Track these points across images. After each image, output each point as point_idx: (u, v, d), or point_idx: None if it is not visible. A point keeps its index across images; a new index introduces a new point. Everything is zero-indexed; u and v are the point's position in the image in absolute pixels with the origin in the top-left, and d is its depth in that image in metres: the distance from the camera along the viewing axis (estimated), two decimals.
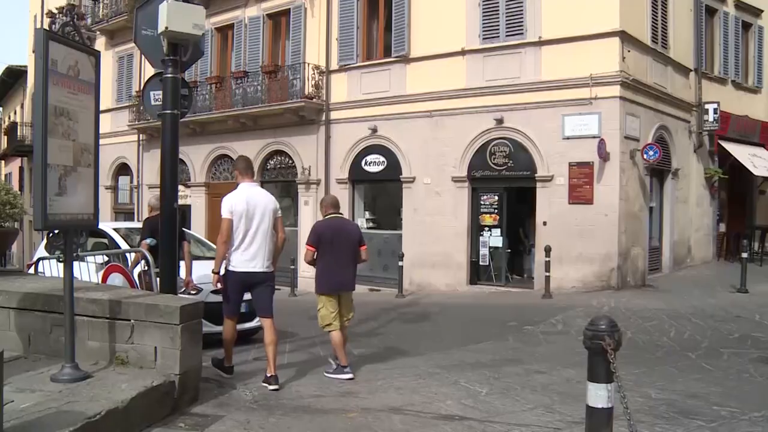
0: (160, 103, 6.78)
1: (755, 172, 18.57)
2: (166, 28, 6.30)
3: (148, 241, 8.11)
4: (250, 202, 6.80)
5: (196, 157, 20.91)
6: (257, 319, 9.48)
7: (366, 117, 17.15)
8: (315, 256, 7.33)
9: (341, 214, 7.75)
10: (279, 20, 19.45)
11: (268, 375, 6.59)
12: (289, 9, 18.88)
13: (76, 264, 6.07)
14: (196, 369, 5.81)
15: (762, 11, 20.21)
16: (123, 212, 24.62)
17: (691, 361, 8.13)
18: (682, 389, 6.69)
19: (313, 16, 18.33)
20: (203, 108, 20.08)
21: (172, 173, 6.76)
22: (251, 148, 19.47)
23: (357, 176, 17.64)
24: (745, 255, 14.13)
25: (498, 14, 15.12)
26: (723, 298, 13.04)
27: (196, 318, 5.75)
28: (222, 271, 6.73)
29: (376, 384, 6.95)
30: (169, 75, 6.56)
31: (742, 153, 18.47)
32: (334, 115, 17.98)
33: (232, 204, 6.78)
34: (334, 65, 17.97)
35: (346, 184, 17.72)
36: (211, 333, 8.27)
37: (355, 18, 17.52)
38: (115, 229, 10.89)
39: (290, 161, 19.01)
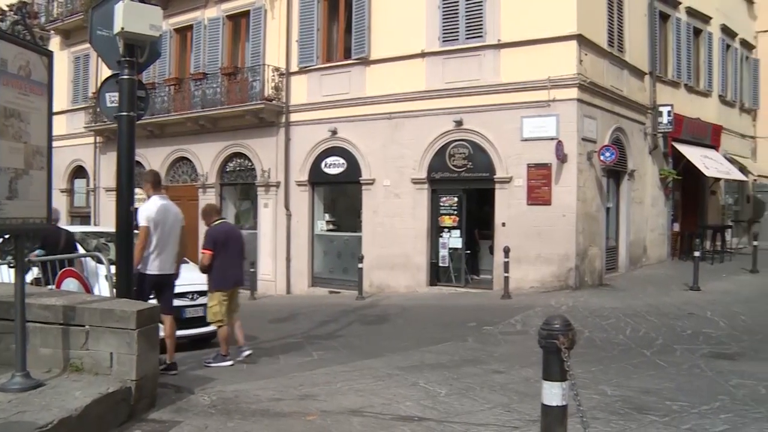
0: (117, 104, 6.68)
1: (706, 173, 18.98)
2: (122, 28, 6.22)
3: (36, 252, 8.23)
4: (163, 213, 7.39)
5: (155, 159, 20.62)
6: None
7: (326, 119, 17.10)
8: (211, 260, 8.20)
9: (225, 218, 8.84)
10: (239, 21, 19.30)
11: (168, 362, 7.35)
12: (249, 10, 18.74)
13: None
14: (153, 374, 5.74)
15: (711, 18, 20.70)
16: (79, 216, 24.17)
17: (645, 358, 8.30)
18: (636, 385, 6.83)
19: (273, 17, 18.23)
20: (162, 110, 19.84)
21: (129, 176, 6.67)
22: (210, 151, 19.34)
23: (317, 178, 17.58)
24: (697, 254, 14.47)
25: (458, 17, 15.21)
26: (677, 296, 13.32)
27: (152, 322, 5.68)
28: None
29: (336, 386, 6.93)
30: (126, 76, 6.47)
31: (694, 154, 18.85)
32: (294, 117, 17.89)
33: (148, 214, 7.39)
34: (294, 67, 17.88)
35: (306, 187, 17.66)
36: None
37: (316, 20, 17.47)
38: None
39: (250, 163, 18.87)
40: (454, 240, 15.41)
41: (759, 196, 24.37)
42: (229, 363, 8.21)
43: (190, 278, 9.07)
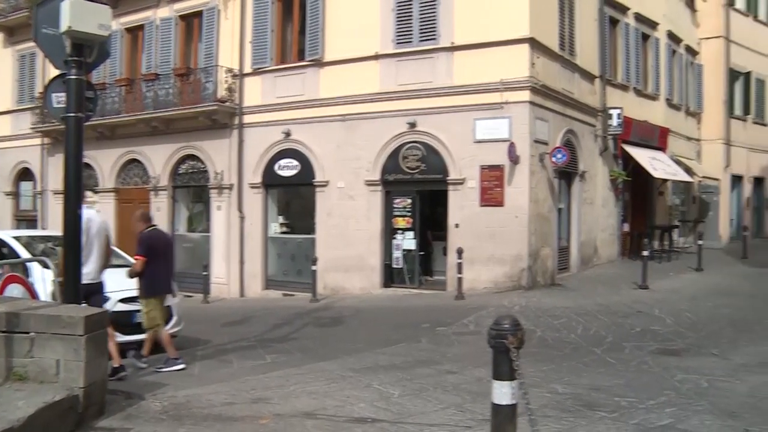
0: (64, 105, 6.54)
1: (655, 174, 19.39)
2: (69, 27, 6.08)
3: None
4: (86, 223, 7.24)
5: (105, 161, 20.27)
6: (169, 326, 9.36)
7: (280, 121, 17.00)
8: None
9: (156, 225, 8.86)
10: (191, 22, 19.06)
11: (115, 366, 7.40)
12: (202, 11, 18.51)
13: None
14: (102, 381, 5.64)
15: (658, 24, 21.15)
16: (25, 219, 23.56)
17: (596, 356, 8.47)
18: (587, 383, 6.97)
19: (226, 18, 18.05)
20: (112, 111, 19.47)
21: (76, 178, 6.53)
22: (163, 153, 19.07)
23: (270, 180, 17.46)
24: (646, 253, 14.82)
25: (411, 19, 15.26)
26: (626, 294, 13.61)
27: (101, 328, 5.58)
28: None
29: (289, 389, 6.92)
30: (73, 76, 6.33)
31: (642, 156, 19.25)
32: (247, 119, 17.75)
33: None
34: (247, 68, 17.73)
35: (260, 189, 17.53)
36: (121, 343, 8.10)
37: (270, 21, 17.35)
38: (15, 237, 10.44)
39: (203, 166, 18.64)
40: (407, 241, 15.46)
41: (704, 196, 24.99)
42: (182, 366, 8.16)
43: None
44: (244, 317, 13.60)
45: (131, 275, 8.34)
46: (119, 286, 8.67)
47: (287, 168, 17.09)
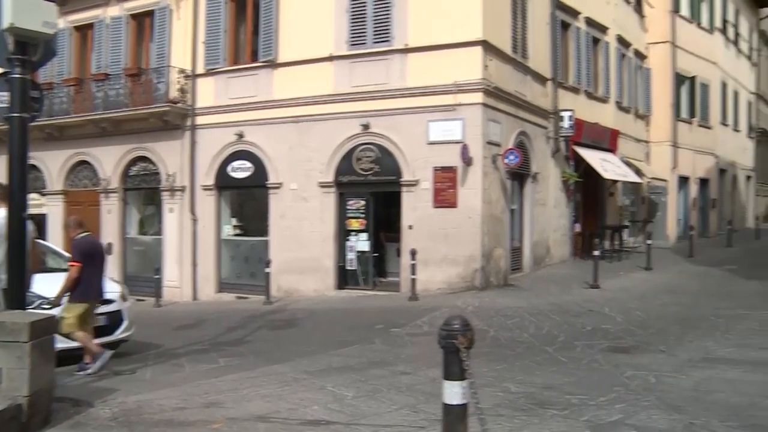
0: (7, 105, 6.37)
1: (605, 175, 19.75)
2: (11, 24, 5.90)
3: None
4: (5, 226, 6.97)
5: (53, 163, 19.83)
6: (118, 332, 9.21)
7: (233, 122, 16.86)
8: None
9: (89, 231, 8.77)
10: (143, 21, 18.77)
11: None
12: (154, 10, 18.24)
13: None
14: (49, 389, 5.50)
15: (608, 28, 21.55)
16: None
17: (548, 354, 8.58)
18: (539, 382, 7.06)
19: (179, 18, 17.83)
20: (60, 111, 19.05)
21: (21, 181, 6.38)
22: (113, 154, 18.74)
23: (223, 182, 17.30)
24: (597, 253, 15.09)
25: (365, 21, 15.28)
26: (578, 294, 13.84)
27: (48, 334, 5.45)
28: None
29: (242, 393, 6.87)
30: (17, 75, 6.17)
31: (593, 158, 19.58)
32: (200, 120, 17.55)
33: None
34: (200, 69, 17.54)
35: (212, 191, 17.36)
36: (69, 349, 7.95)
37: (223, 21, 17.19)
38: None
39: (154, 168, 18.36)
40: (361, 243, 15.47)
41: (652, 197, 25.52)
42: (89, 371, 8.00)
43: None
44: (197, 321, 13.45)
45: (69, 282, 8.08)
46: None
47: (240, 170, 16.96)
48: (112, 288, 9.70)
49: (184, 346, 10.32)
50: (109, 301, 9.23)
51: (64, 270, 8.51)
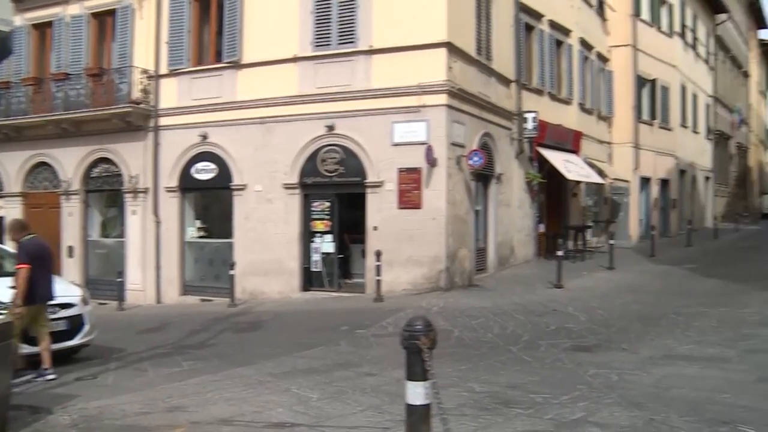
0: None
1: (568, 176, 19.97)
2: None
3: None
4: None
5: (11, 164, 19.45)
6: (79, 336, 9.09)
7: (196, 123, 16.70)
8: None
9: (34, 233, 8.66)
10: (104, 20, 18.48)
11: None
12: (116, 9, 17.97)
13: None
14: (4, 396, 5.40)
15: (571, 31, 21.82)
16: None
17: (512, 354, 8.67)
18: (504, 381, 7.14)
19: (141, 17, 17.60)
20: (18, 111, 18.70)
21: None
22: (74, 155, 18.45)
23: (187, 184, 17.13)
24: (560, 253, 15.25)
25: (330, 22, 15.26)
26: (542, 294, 13.99)
27: (4, 340, 5.35)
28: None
29: (206, 396, 6.83)
30: None
31: (557, 159, 19.78)
32: (163, 121, 17.35)
33: None
34: (163, 69, 17.34)
35: (176, 193, 17.17)
36: (32, 354, 7.86)
37: (186, 21, 17.03)
38: None
39: (117, 169, 18.09)
40: (326, 245, 15.44)
41: (615, 198, 25.87)
42: (28, 377, 7.92)
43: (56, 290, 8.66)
44: (160, 324, 13.32)
45: (23, 286, 7.87)
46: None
47: (204, 171, 16.82)
48: (72, 291, 9.60)
49: (147, 350, 10.22)
50: (70, 305, 9.12)
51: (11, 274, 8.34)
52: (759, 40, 54.83)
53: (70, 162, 18.58)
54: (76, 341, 9.20)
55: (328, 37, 15.31)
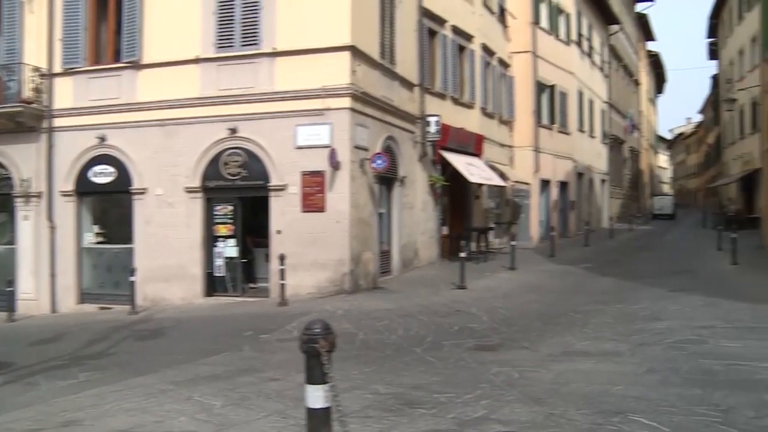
0: None
1: (471, 179, 20.41)
2: None
3: None
4: None
5: None
6: None
7: (94, 125, 16.10)
8: None
9: None
10: None
11: None
12: (2, 1, 17.10)
13: None
14: None
15: (473, 37, 22.33)
16: None
17: (416, 355, 8.77)
18: (408, 382, 7.22)
19: (32, 12, 16.79)
20: None
21: None
22: None
23: (84, 188, 16.51)
24: (463, 255, 15.55)
25: (233, 23, 15.05)
26: (445, 295, 14.22)
27: None
28: None
29: (104, 408, 6.62)
30: None
31: (459, 162, 20.18)
32: (57, 122, 16.63)
33: None
34: (57, 68, 16.63)
35: (72, 197, 16.52)
36: None
37: (82, 18, 16.38)
38: None
39: (6, 172, 17.20)
40: (229, 249, 15.23)
41: (516, 200, 26.63)
42: None
43: None
44: (55, 334, 12.76)
45: None
46: None
47: (102, 175, 16.26)
48: None
49: (39, 363, 9.77)
50: None
51: None
52: (647, 51, 58.03)
53: None
54: None
55: (231, 39, 15.10)
